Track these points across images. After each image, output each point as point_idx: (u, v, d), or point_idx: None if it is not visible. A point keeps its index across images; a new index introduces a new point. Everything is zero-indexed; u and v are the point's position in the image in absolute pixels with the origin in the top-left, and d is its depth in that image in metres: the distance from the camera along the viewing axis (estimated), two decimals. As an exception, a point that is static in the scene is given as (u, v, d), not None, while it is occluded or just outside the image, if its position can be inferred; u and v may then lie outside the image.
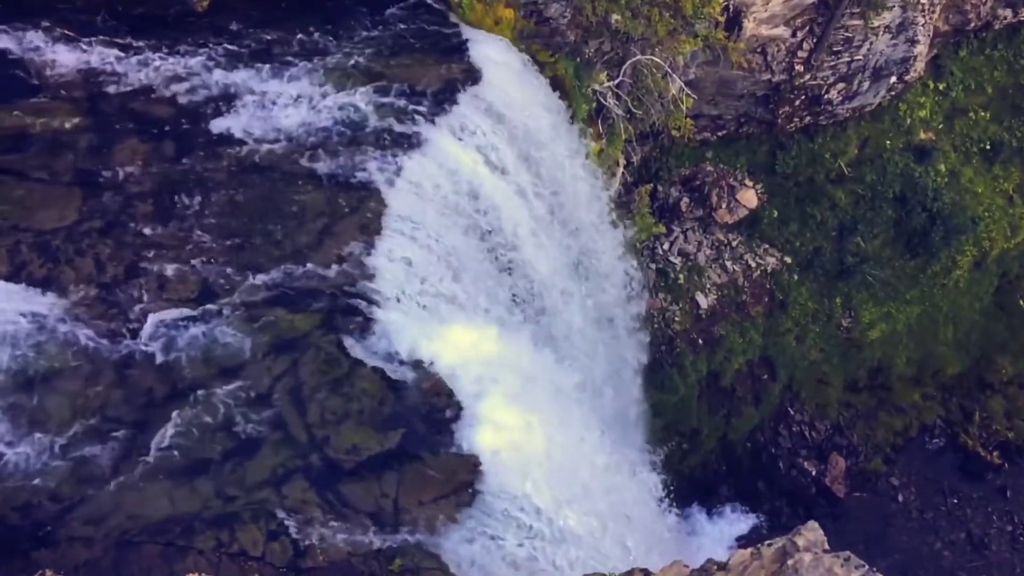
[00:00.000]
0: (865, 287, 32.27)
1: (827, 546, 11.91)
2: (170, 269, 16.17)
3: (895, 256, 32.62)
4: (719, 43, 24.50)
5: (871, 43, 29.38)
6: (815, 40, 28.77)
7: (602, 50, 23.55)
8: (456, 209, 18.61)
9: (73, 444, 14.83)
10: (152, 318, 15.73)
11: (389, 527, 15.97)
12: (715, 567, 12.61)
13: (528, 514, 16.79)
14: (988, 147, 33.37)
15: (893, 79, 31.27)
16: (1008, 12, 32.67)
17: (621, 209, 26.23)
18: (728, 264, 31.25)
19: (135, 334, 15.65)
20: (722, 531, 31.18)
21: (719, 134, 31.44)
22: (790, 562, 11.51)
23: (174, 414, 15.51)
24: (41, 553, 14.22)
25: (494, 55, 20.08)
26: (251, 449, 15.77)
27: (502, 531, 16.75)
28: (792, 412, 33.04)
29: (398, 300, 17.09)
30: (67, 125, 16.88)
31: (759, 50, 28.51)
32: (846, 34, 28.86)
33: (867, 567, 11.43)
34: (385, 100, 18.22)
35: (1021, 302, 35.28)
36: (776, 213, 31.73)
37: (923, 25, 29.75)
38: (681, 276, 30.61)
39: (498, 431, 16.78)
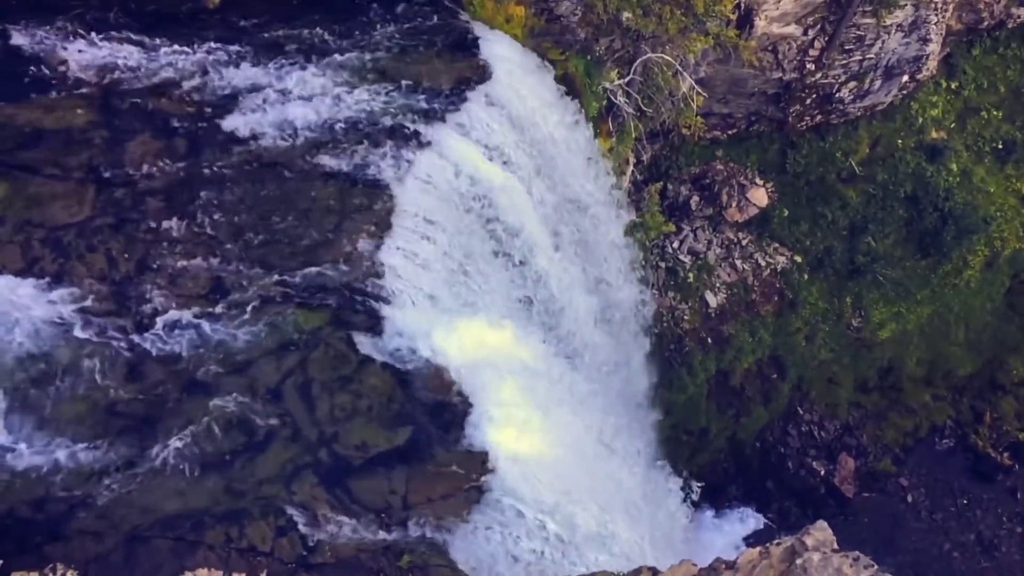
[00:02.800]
0: (876, 287, 32.15)
1: (836, 546, 11.89)
2: (182, 265, 16.24)
3: (906, 256, 32.48)
4: (730, 41, 24.40)
5: (883, 41, 29.24)
6: (827, 38, 28.66)
7: (612, 48, 23.51)
8: (466, 206, 18.62)
9: (85, 440, 14.92)
10: (164, 315, 15.80)
11: (398, 523, 16.02)
12: (723, 566, 12.61)
13: (537, 511, 16.81)
14: (1001, 146, 33.18)
15: (905, 78, 31.12)
16: (1022, 11, 32.46)
17: (631, 207, 26.20)
18: (738, 263, 31.18)
19: (146, 330, 15.72)
20: (730, 530, 31.15)
21: (729, 132, 31.36)
22: (799, 561, 11.50)
23: (185, 410, 15.59)
24: (52, 547, 14.32)
25: (505, 53, 20.08)
26: (261, 445, 15.84)
27: (510, 528, 16.77)
28: (801, 412, 32.96)
29: (408, 297, 17.13)
30: (80, 122, 16.95)
31: (770, 48, 28.41)
32: (858, 32, 28.73)
33: (876, 567, 11.41)
34: (396, 97, 18.24)
35: (1033, 302, 35.10)
36: (786, 212, 31.64)
37: (936, 23, 29.59)
38: (691, 275, 30.56)
39: (508, 429, 16.80)
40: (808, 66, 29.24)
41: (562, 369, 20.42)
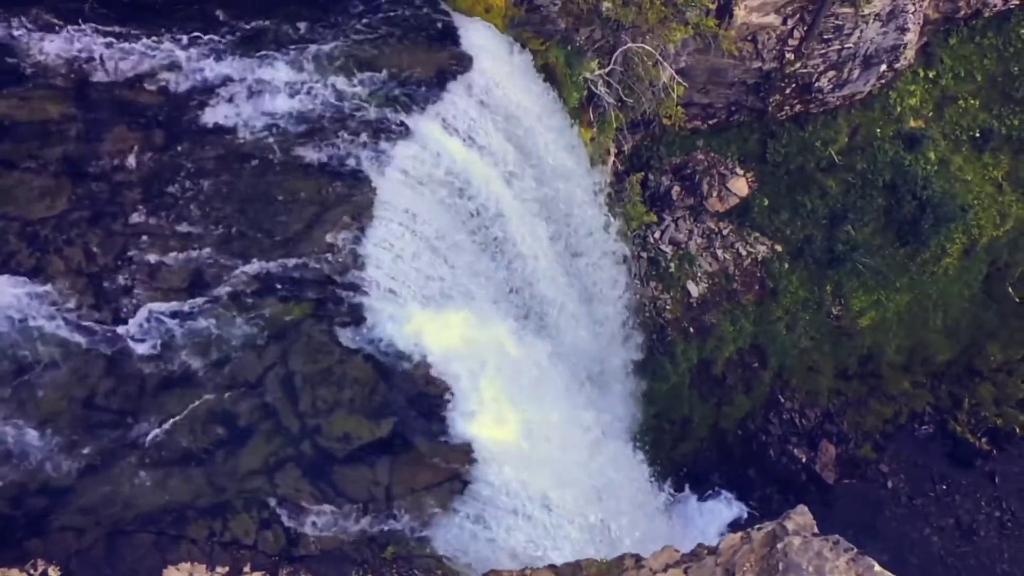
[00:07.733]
0: (855, 275, 32.38)
1: (816, 530, 12.00)
2: (160, 259, 16.12)
3: (885, 244, 32.72)
4: (710, 31, 24.45)
5: (861, 31, 29.39)
6: (806, 28, 28.76)
7: (593, 38, 23.49)
8: (446, 197, 18.59)
9: (64, 434, 14.81)
10: (143, 308, 15.69)
11: (382, 515, 16.03)
12: (705, 551, 12.71)
13: (520, 501, 16.86)
14: (978, 135, 33.45)
15: (883, 67, 31.30)
16: (999, 0, 32.71)
17: (612, 198, 26.23)
18: (719, 252, 31.32)
19: (125, 323, 15.62)
20: (713, 517, 31.35)
21: (710, 122, 31.44)
22: (780, 545, 11.60)
23: (166, 404, 15.51)
24: (33, 543, 14.23)
25: (485, 43, 20.03)
26: (243, 438, 15.79)
27: (495, 518, 16.82)
28: (783, 400, 33.19)
29: (389, 288, 17.09)
30: (55, 114, 16.77)
31: (750, 38, 28.49)
32: (836, 22, 28.85)
33: (855, 550, 11.52)
34: (375, 88, 18.16)
35: (1010, 290, 35.45)
36: (767, 201, 31.79)
37: (913, 13, 29.77)
38: (672, 265, 30.66)
39: (490, 418, 16.83)
40: (787, 56, 29.35)
41: (546, 358, 20.44)
